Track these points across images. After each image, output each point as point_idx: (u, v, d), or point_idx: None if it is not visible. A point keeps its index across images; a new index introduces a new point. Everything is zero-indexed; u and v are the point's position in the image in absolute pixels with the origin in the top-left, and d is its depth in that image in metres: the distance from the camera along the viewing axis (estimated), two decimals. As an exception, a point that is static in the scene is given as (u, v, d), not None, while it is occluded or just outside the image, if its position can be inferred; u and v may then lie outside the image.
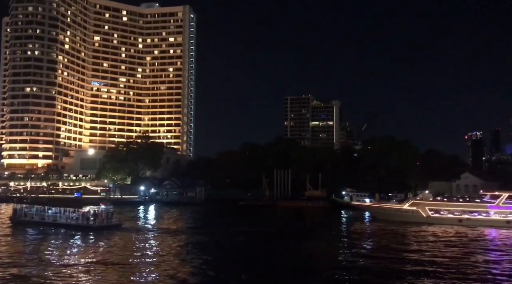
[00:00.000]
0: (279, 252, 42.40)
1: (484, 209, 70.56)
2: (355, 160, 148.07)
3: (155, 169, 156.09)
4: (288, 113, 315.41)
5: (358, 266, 35.68)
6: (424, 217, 71.79)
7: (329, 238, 54.52)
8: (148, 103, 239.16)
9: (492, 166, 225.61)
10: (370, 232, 61.69)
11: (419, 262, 36.95)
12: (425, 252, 42.76)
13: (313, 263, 37.06)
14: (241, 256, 40.31)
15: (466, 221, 69.04)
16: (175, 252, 40.74)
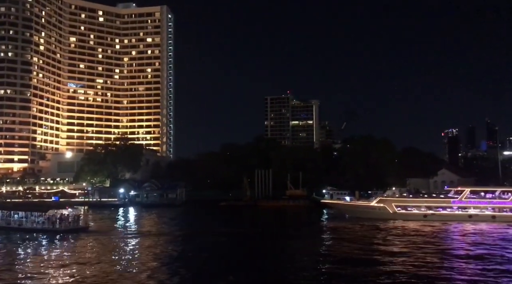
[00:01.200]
0: (264, 252, 42.40)
1: (448, 204, 72.57)
2: (335, 159, 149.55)
3: (134, 171, 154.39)
4: (268, 113, 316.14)
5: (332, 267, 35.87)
6: (391, 213, 73.31)
7: (305, 237, 54.67)
8: (126, 105, 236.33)
9: (468, 162, 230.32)
10: (331, 230, 61.93)
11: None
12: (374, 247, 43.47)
13: (297, 262, 37.11)
14: (225, 257, 40.11)
15: (431, 216, 70.79)
16: (152, 255, 40.00)
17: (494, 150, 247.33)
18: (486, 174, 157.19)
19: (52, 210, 59.62)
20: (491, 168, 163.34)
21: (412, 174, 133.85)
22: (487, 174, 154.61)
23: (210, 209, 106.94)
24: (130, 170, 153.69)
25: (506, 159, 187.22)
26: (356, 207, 78.80)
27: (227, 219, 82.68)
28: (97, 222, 72.04)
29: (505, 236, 52.87)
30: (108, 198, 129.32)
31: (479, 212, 70.11)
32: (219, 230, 60.86)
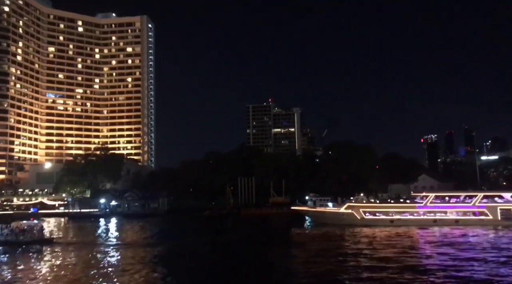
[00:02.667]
0: (248, 261, 42.11)
1: (414, 209, 73.40)
2: (317, 166, 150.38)
3: (115, 181, 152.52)
4: (251, 121, 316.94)
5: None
6: (359, 219, 74.01)
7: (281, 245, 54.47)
8: (106, 114, 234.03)
9: (447, 168, 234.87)
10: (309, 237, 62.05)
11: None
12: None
13: (277, 270, 36.94)
14: (209, 266, 39.62)
15: (397, 221, 71.51)
16: (130, 266, 38.36)
17: (472, 155, 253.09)
18: (464, 179, 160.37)
19: (16, 222, 58.26)
20: (470, 173, 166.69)
21: (393, 179, 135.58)
22: (465, 179, 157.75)
23: (193, 218, 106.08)
24: (111, 180, 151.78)
25: (483, 164, 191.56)
26: (325, 214, 79.52)
27: (211, 228, 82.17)
28: (72, 233, 70.47)
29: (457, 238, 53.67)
30: (89, 209, 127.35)
31: (443, 217, 71.23)
32: (203, 239, 60.33)
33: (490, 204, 71.22)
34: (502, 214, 69.54)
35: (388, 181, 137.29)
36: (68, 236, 66.54)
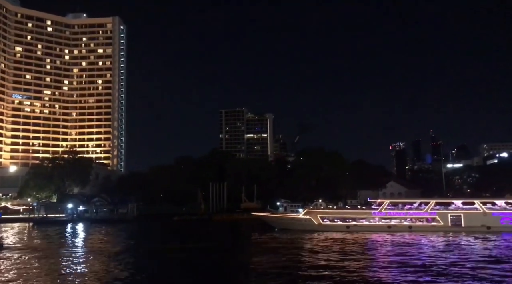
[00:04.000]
0: (221, 266, 41.93)
1: (369, 215, 75.45)
2: (289, 172, 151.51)
3: (83, 186, 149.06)
4: (223, 126, 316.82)
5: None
6: (316, 225, 75.32)
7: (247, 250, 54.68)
8: (75, 117, 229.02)
9: (414, 175, 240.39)
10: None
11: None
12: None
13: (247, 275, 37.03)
14: (180, 272, 39.19)
15: (353, 227, 73.20)
16: (91, 273, 37.66)
17: (439, 163, 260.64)
18: (431, 186, 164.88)
19: None
20: (436, 180, 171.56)
21: (362, 186, 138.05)
22: (432, 186, 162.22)
23: (163, 223, 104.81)
24: (79, 185, 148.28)
25: (449, 172, 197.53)
26: (284, 220, 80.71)
27: (182, 233, 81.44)
28: (32, 238, 68.04)
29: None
30: (55, 214, 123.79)
31: (397, 223, 73.17)
32: (173, 245, 59.67)
33: (441, 211, 73.92)
34: (452, 221, 72.17)
35: (358, 187, 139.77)
36: (29, 242, 64.24)
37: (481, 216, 71.57)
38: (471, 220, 71.45)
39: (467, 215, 72.35)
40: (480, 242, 56.03)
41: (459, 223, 71.87)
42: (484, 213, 71.78)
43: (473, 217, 71.76)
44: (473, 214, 72.39)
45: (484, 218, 71.11)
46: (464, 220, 71.99)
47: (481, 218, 71.28)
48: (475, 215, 72.07)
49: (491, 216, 71.42)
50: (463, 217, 72.30)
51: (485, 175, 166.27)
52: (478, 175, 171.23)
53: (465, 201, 79.16)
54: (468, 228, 70.24)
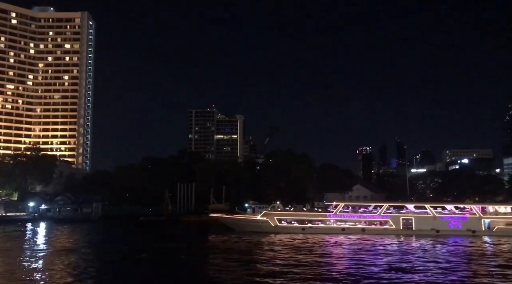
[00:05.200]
0: (185, 268, 41.55)
1: (324, 217, 77.26)
2: (258, 173, 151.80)
3: (46, 184, 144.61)
4: (193, 126, 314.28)
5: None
6: (273, 226, 76.48)
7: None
8: (39, 113, 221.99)
9: (379, 179, 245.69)
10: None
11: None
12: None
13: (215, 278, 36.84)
14: (146, 274, 38.54)
15: (309, 229, 74.90)
16: (50, 272, 36.81)
17: (403, 167, 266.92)
18: (395, 190, 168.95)
19: None
20: (400, 184, 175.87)
21: (329, 188, 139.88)
22: (396, 190, 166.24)
23: (128, 224, 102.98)
24: (42, 183, 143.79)
25: (413, 176, 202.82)
26: (242, 221, 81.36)
27: (147, 234, 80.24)
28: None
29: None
30: (16, 213, 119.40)
31: (351, 225, 75.23)
32: (137, 245, 58.75)
33: (393, 215, 76.46)
34: (404, 224, 74.74)
35: (325, 190, 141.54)
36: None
37: (431, 220, 74.44)
38: (422, 223, 74.16)
39: (418, 219, 75.11)
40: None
41: (410, 227, 74.43)
42: (434, 217, 74.68)
43: (423, 221, 74.55)
44: (423, 218, 75.24)
45: (433, 222, 73.93)
46: (415, 224, 74.59)
47: (431, 222, 74.07)
48: (425, 219, 74.91)
49: (440, 220, 74.48)
50: (414, 220, 74.95)
51: (447, 180, 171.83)
52: (440, 180, 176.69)
53: (417, 205, 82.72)
54: (418, 231, 72.87)
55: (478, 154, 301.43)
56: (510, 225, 72.98)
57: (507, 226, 72.75)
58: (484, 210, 76.32)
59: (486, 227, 73.44)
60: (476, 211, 75.02)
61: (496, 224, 73.21)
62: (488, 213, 75.59)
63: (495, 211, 76.31)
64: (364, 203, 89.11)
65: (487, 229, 73.07)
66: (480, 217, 74.12)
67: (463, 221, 73.98)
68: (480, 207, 77.35)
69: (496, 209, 77.15)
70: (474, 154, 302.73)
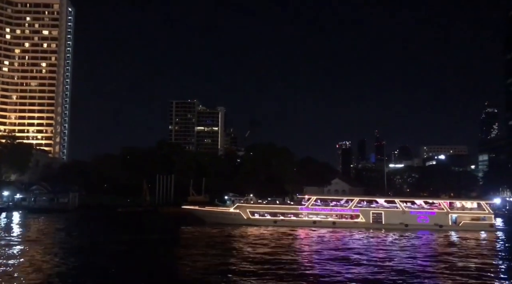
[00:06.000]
0: (166, 260, 41.23)
1: (296, 210, 78.40)
2: (238, 166, 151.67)
3: (22, 173, 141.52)
4: (173, 117, 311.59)
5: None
6: (245, 219, 77.18)
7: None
8: (15, 100, 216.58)
9: (358, 173, 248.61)
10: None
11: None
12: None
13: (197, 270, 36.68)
14: (128, 265, 38.00)
15: (281, 222, 75.77)
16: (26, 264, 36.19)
17: (382, 162, 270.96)
18: (373, 184, 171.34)
19: None
20: (378, 179, 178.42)
21: (309, 182, 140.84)
22: (374, 185, 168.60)
23: (106, 215, 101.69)
24: (17, 172, 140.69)
25: (391, 171, 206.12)
26: (215, 213, 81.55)
27: (125, 226, 79.38)
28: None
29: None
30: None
31: (322, 219, 76.46)
32: (117, 237, 58.04)
33: (364, 209, 78.06)
34: (373, 218, 76.42)
35: (304, 183, 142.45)
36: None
37: (400, 214, 76.19)
38: (391, 217, 75.89)
39: (387, 213, 76.80)
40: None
41: (380, 220, 76.14)
42: (403, 212, 76.43)
43: (392, 215, 76.27)
44: (392, 212, 76.98)
45: (402, 216, 75.66)
46: (384, 218, 76.26)
47: (400, 216, 75.79)
48: (394, 213, 76.64)
49: (409, 214, 76.34)
50: (384, 214, 76.61)
51: (424, 175, 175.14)
52: (417, 175, 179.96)
53: (388, 199, 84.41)
54: (388, 225, 74.49)
55: (455, 150, 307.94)
56: (475, 220, 75.42)
57: (472, 221, 75.14)
58: (451, 205, 78.39)
59: (453, 221, 75.58)
60: (444, 206, 77.06)
61: (462, 219, 75.47)
62: (455, 209, 77.64)
63: (462, 206, 78.53)
64: (337, 197, 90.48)
65: (453, 224, 75.20)
66: (447, 212, 76.23)
67: (431, 215, 76.06)
68: (448, 202, 79.41)
69: (463, 204, 79.34)
70: (450, 150, 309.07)
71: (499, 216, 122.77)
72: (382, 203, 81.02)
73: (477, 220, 75.34)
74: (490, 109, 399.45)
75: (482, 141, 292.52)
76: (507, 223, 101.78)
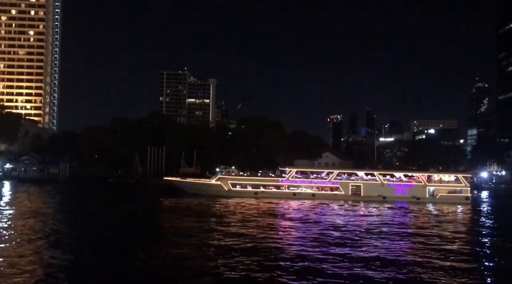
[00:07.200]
0: (164, 230, 41.77)
1: (277, 183, 79.75)
2: (229, 139, 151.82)
3: (11, 143, 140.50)
4: (164, 89, 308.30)
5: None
6: (226, 190, 78.30)
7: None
8: (3, 69, 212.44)
9: (348, 147, 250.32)
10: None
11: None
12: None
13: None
14: (121, 234, 38.45)
15: (261, 194, 77.00)
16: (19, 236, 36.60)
17: (372, 136, 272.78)
18: (364, 158, 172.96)
19: None
20: (369, 152, 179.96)
21: (299, 155, 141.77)
22: (364, 158, 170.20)
23: (97, 186, 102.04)
24: (6, 142, 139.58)
25: (381, 145, 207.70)
26: (197, 185, 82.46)
27: (117, 196, 79.85)
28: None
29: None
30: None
31: (302, 191, 77.93)
32: (111, 207, 58.58)
33: (343, 181, 79.60)
34: (352, 190, 78.04)
35: (295, 156, 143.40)
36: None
37: (379, 187, 77.81)
38: (369, 190, 77.54)
39: (366, 185, 78.47)
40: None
41: (359, 193, 77.72)
42: (382, 184, 78.07)
43: (371, 187, 77.93)
44: (371, 184, 78.67)
45: (381, 189, 77.32)
46: (363, 190, 77.83)
47: (379, 188, 77.46)
48: (373, 185, 78.31)
49: (388, 187, 78.01)
50: (363, 187, 78.23)
51: (414, 149, 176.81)
52: (407, 149, 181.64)
53: (367, 172, 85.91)
54: (366, 197, 76.17)
55: (445, 124, 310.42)
56: (452, 192, 77.01)
57: (449, 194, 76.73)
58: (429, 178, 79.86)
59: (430, 194, 77.11)
60: (422, 180, 78.59)
61: (440, 191, 76.98)
62: (433, 182, 79.12)
63: (440, 179, 80.00)
64: (317, 169, 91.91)
65: (430, 196, 76.72)
66: (425, 185, 77.69)
67: (409, 188, 77.62)
68: (426, 175, 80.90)
69: (441, 177, 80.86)
70: (440, 125, 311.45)
71: (485, 189, 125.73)
72: (362, 176, 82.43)
73: (454, 192, 76.91)
74: (481, 84, 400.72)
75: (471, 116, 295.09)
76: (492, 196, 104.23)
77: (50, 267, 25.44)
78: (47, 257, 28.12)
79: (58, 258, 27.72)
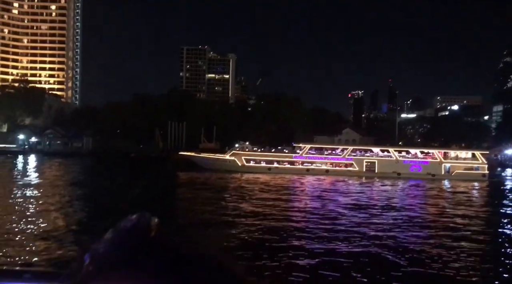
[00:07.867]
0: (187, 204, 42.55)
1: (290, 159, 79.47)
2: (249, 115, 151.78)
3: (35, 117, 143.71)
4: (184, 64, 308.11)
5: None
6: (239, 165, 78.57)
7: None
8: (26, 44, 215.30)
9: (369, 123, 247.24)
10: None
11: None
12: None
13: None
14: (147, 208, 39.29)
15: (275, 169, 76.87)
16: (49, 205, 37.66)
17: (394, 112, 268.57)
18: (384, 134, 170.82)
19: None
20: (390, 129, 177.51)
21: (319, 131, 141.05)
22: (385, 134, 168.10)
23: (120, 160, 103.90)
24: (31, 116, 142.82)
25: (402, 121, 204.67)
26: (212, 160, 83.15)
27: (139, 170, 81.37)
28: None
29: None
30: (5, 144, 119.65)
31: (315, 167, 77.45)
32: (134, 181, 59.82)
33: (357, 157, 78.62)
34: (366, 167, 77.28)
35: (315, 133, 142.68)
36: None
37: (393, 163, 76.77)
38: (384, 166, 76.45)
39: (381, 162, 77.55)
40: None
41: (373, 169, 76.91)
42: (396, 161, 77.14)
43: (386, 164, 76.87)
44: (386, 161, 77.67)
45: (395, 165, 76.29)
46: (377, 167, 76.96)
47: (393, 165, 76.38)
48: (388, 162, 77.28)
49: (402, 163, 76.95)
50: (377, 163, 77.40)
51: (436, 126, 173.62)
52: (429, 126, 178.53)
53: (383, 148, 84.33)
54: (381, 173, 74.93)
55: (469, 101, 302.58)
56: (468, 169, 75.49)
57: (465, 171, 75.15)
58: (445, 155, 78.50)
59: (446, 171, 75.73)
60: (437, 156, 77.30)
61: (456, 168, 75.57)
62: (449, 158, 77.80)
63: (456, 156, 78.58)
64: (333, 146, 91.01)
65: (446, 173, 75.32)
66: (440, 162, 76.37)
67: (424, 165, 76.50)
68: (442, 152, 79.59)
69: (457, 154, 79.43)
70: (464, 101, 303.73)
71: (510, 166, 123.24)
72: (377, 152, 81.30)
73: (471, 169, 75.47)
74: (509, 59, 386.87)
75: (497, 92, 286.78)
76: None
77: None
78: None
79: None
